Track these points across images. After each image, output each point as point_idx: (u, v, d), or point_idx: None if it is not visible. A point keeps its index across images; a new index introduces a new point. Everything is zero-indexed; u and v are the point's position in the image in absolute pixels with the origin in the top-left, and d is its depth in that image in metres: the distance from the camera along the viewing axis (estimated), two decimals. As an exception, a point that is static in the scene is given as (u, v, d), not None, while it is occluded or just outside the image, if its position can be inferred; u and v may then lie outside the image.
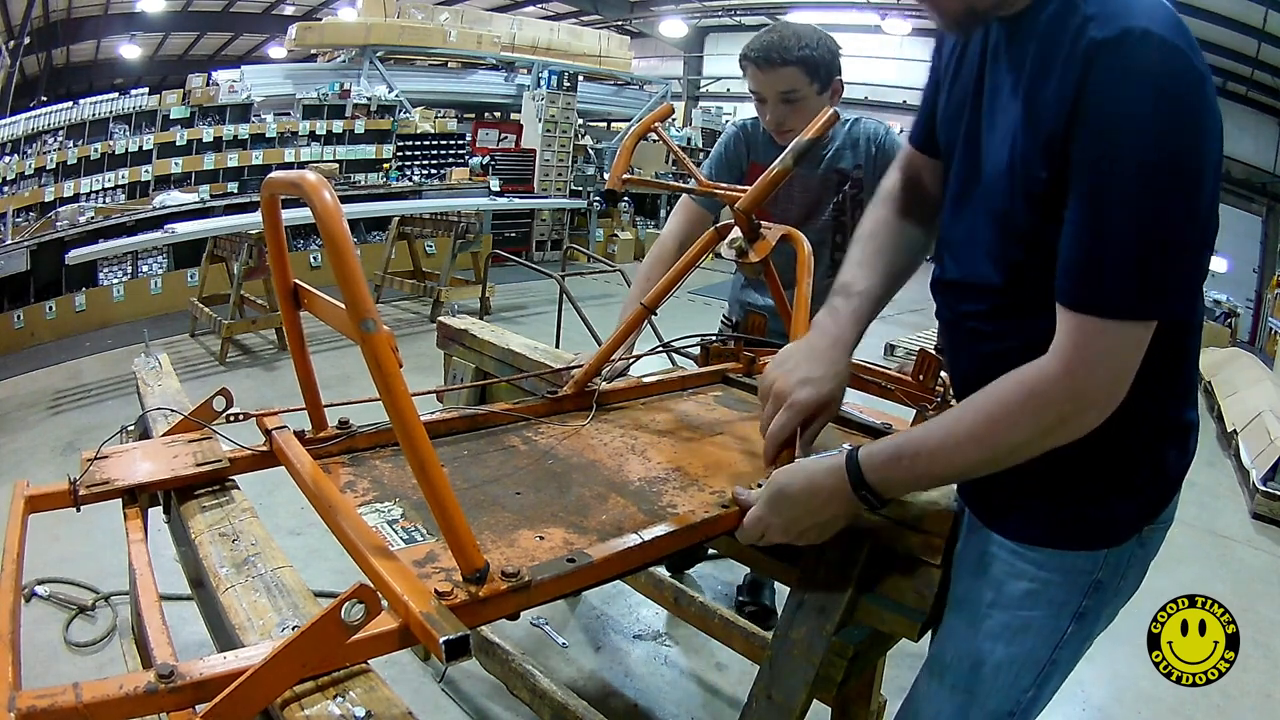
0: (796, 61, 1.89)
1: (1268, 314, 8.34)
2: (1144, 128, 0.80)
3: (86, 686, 0.72)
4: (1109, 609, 1.07)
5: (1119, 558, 1.03)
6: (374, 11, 9.63)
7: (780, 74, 1.90)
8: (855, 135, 2.07)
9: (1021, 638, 1.06)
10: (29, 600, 2.53)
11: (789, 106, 1.94)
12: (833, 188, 2.07)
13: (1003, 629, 1.07)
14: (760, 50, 1.90)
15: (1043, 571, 1.04)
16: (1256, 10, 7.14)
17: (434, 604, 0.81)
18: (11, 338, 5.70)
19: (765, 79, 1.92)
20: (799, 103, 1.93)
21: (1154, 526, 1.05)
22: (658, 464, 1.32)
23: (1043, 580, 1.04)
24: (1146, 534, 1.04)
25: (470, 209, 7.17)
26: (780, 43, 1.89)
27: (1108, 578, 1.04)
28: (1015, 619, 1.06)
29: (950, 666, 1.12)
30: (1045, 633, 1.05)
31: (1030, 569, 1.05)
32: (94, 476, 1.08)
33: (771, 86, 1.93)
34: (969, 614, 1.10)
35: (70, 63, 12.91)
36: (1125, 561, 1.04)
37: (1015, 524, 1.07)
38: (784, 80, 1.91)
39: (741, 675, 2.36)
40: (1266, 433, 4.56)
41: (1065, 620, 1.05)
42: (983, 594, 1.08)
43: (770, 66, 1.90)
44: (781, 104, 1.94)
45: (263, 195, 1.06)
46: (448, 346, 2.16)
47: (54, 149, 6.66)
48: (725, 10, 13.69)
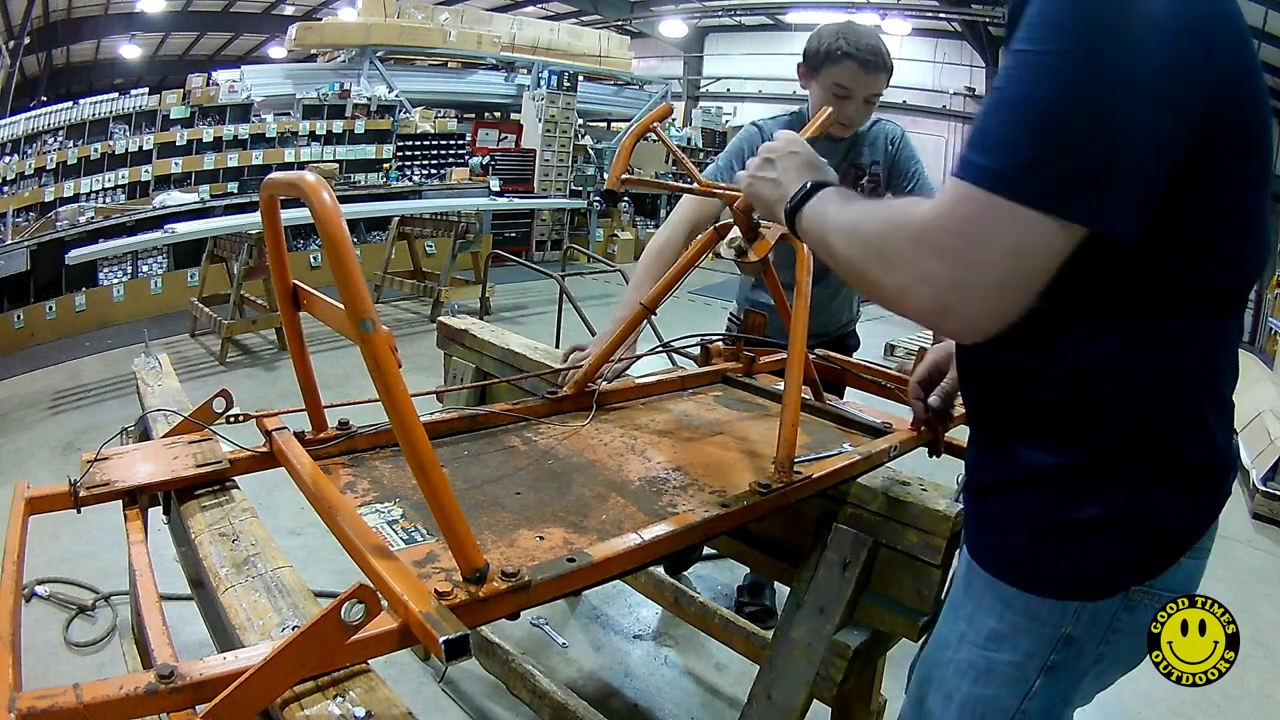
0: (890, 70, 2.00)
1: (1268, 314, 8.33)
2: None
3: (87, 687, 0.72)
4: (1095, 671, 0.96)
5: (1096, 616, 0.90)
6: (374, 11, 9.63)
7: (879, 79, 1.99)
8: (875, 134, 2.15)
9: (986, 679, 0.96)
10: (29, 600, 2.53)
11: (867, 107, 2.04)
12: (850, 182, 2.11)
13: (969, 666, 0.98)
14: (870, 53, 1.96)
15: (1009, 612, 0.93)
16: (1256, 10, 7.14)
17: (434, 604, 0.81)
18: (11, 338, 5.71)
19: (866, 79, 1.98)
20: (873, 106, 2.05)
21: (1148, 592, 0.89)
22: (658, 464, 1.32)
23: (1009, 622, 0.93)
24: (1137, 597, 0.89)
25: (470, 209, 7.18)
26: (883, 49, 1.98)
27: (1082, 636, 0.91)
28: (981, 658, 0.97)
29: (928, 691, 1.06)
30: (1010, 680, 0.95)
31: (998, 605, 0.94)
32: (94, 478, 1.08)
33: (867, 88, 2.00)
34: (944, 641, 1.03)
35: (70, 63, 12.92)
36: (1106, 624, 0.90)
37: (987, 553, 0.97)
38: (879, 84, 2.00)
39: (741, 675, 2.35)
40: (1266, 433, 4.55)
41: (1031, 671, 0.93)
42: (956, 624, 1.01)
43: (876, 71, 1.98)
44: (865, 104, 2.03)
45: (262, 196, 1.06)
46: (448, 346, 2.17)
47: (54, 149, 6.67)
48: (725, 10, 13.69)
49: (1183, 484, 0.87)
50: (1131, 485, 0.86)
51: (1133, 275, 0.79)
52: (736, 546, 1.59)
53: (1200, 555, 0.93)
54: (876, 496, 1.32)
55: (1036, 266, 0.71)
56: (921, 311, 0.76)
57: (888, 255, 0.78)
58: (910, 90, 12.20)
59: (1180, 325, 0.82)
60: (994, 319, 0.73)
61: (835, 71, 1.98)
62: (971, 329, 0.74)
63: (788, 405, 1.28)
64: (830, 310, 2.35)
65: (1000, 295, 0.71)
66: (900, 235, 0.76)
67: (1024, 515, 0.91)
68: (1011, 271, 0.70)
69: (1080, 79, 0.68)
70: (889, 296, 0.79)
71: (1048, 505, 0.89)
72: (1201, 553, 0.93)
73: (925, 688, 1.06)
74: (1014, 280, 0.71)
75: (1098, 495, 0.86)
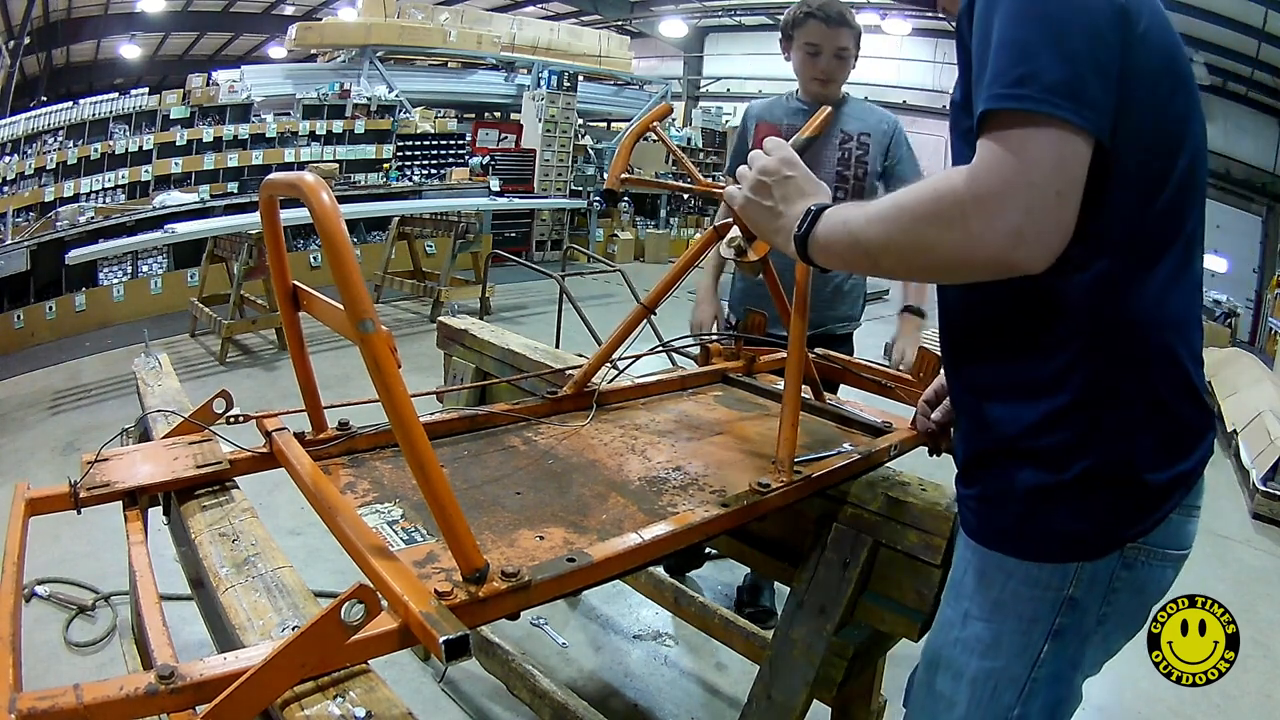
0: (853, 27, 2.29)
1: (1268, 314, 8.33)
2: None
3: (87, 688, 0.72)
4: (1100, 633, 0.99)
5: (1095, 575, 0.95)
6: (374, 11, 9.62)
7: (841, 33, 2.27)
8: (866, 109, 2.41)
9: (995, 652, 1.00)
10: (29, 600, 2.53)
11: (839, 62, 2.31)
12: (835, 145, 2.34)
13: (976, 641, 1.02)
14: (827, 9, 2.24)
15: (1011, 581, 0.98)
16: (1256, 10, 7.14)
17: (434, 604, 0.81)
18: (11, 338, 5.70)
19: (828, 34, 2.27)
20: (845, 61, 2.31)
21: (1143, 549, 0.95)
22: (658, 464, 1.32)
23: (1011, 591, 0.98)
24: (1132, 554, 0.95)
25: (470, 209, 7.18)
26: (842, 7, 2.27)
27: (1084, 597, 0.96)
28: (987, 631, 1.00)
29: (936, 674, 1.08)
30: (1018, 649, 0.99)
31: (1000, 577, 0.99)
32: (94, 479, 1.08)
33: (832, 42, 2.28)
34: (948, 621, 1.07)
35: (70, 63, 12.91)
36: (1106, 582, 0.95)
37: (983, 528, 1.02)
38: (842, 39, 2.27)
39: (741, 675, 2.35)
40: (1266, 433, 4.55)
41: (1038, 637, 0.98)
42: (960, 602, 1.05)
43: (834, 25, 2.26)
44: (834, 59, 2.29)
45: (261, 196, 1.06)
46: (448, 346, 2.17)
47: (54, 149, 6.67)
48: (725, 10, 13.69)
49: (1162, 434, 0.93)
50: (1110, 436, 0.91)
51: (1100, 211, 0.86)
52: (736, 546, 1.59)
53: (1191, 514, 0.98)
54: (876, 496, 1.32)
55: (1078, 174, 0.79)
56: (997, 251, 0.80)
57: (944, 217, 0.82)
58: (910, 90, 12.20)
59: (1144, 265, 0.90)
60: (1062, 234, 0.79)
61: (803, 32, 2.28)
62: (1045, 250, 0.79)
63: (788, 405, 1.28)
64: (825, 299, 2.36)
65: (1061, 207, 0.78)
66: (954, 194, 0.81)
67: (1013, 484, 0.96)
68: (1065, 180, 0.78)
69: (1048, 17, 0.80)
70: (955, 255, 0.83)
71: (1035, 471, 0.94)
72: (1191, 511, 0.98)
73: (933, 672, 1.08)
74: (1068, 188, 0.78)
75: (1080, 454, 0.92)
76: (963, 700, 1.03)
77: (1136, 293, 0.90)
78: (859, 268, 1.14)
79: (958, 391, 1.08)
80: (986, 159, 0.80)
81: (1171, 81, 0.89)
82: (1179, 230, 0.93)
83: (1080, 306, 0.90)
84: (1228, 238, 9.11)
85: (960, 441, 1.07)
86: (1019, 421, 0.95)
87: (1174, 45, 0.90)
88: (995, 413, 0.98)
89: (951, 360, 1.08)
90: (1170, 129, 0.90)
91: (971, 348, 1.03)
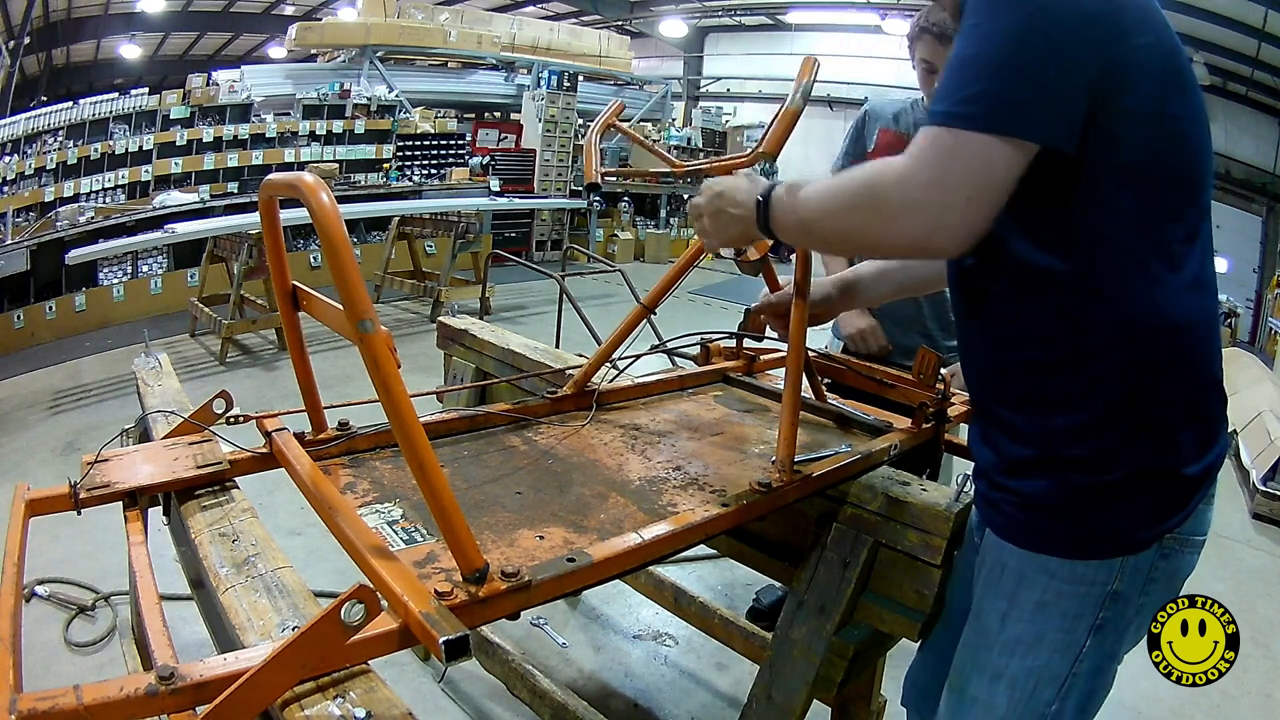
0: None
1: (1268, 314, 8.34)
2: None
3: (87, 688, 0.72)
4: (1135, 623, 1.03)
5: (1137, 567, 0.99)
6: (374, 11, 9.62)
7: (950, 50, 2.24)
8: None
9: (1036, 650, 1.03)
10: (29, 600, 2.53)
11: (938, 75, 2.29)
12: None
13: (1016, 642, 1.04)
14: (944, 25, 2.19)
15: (1054, 581, 1.01)
16: (1256, 10, 7.13)
17: (434, 604, 0.81)
18: (11, 338, 5.70)
19: (942, 51, 2.21)
20: None
21: (1177, 538, 1.00)
22: (658, 463, 1.32)
23: (1055, 591, 1.01)
24: (1169, 544, 1.00)
25: (470, 209, 7.18)
26: None
27: (1126, 589, 1.00)
28: (1028, 631, 1.03)
29: (970, 679, 1.10)
30: (1060, 646, 1.02)
31: (1042, 578, 1.02)
32: (94, 479, 1.08)
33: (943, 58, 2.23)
34: (985, 626, 1.08)
35: (70, 63, 12.90)
36: (1146, 573, 1.00)
37: (1024, 531, 1.04)
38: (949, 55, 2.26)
39: (741, 675, 2.35)
40: (1266, 433, 4.55)
41: (1081, 633, 1.01)
42: (996, 605, 1.06)
43: (948, 43, 2.18)
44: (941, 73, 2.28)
45: (261, 197, 1.06)
46: (448, 346, 2.17)
47: (54, 149, 6.66)
48: (725, 10, 13.68)
49: (1196, 431, 0.99)
50: (1155, 436, 0.97)
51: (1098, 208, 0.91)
52: (736, 546, 1.58)
53: (1211, 502, 1.04)
54: (876, 496, 1.32)
55: (993, 180, 0.86)
56: (915, 237, 0.91)
57: (875, 203, 0.92)
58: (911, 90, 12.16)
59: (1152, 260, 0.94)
60: (969, 231, 0.88)
61: (923, 50, 2.24)
62: (955, 242, 0.89)
63: (787, 405, 1.28)
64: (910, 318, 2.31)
65: (968, 210, 0.87)
66: (885, 183, 0.91)
67: (1058, 488, 1.00)
68: (978, 187, 0.86)
69: (1005, 33, 0.86)
70: (879, 237, 0.95)
71: (1080, 474, 0.98)
72: (1211, 499, 1.04)
73: (965, 676, 1.10)
74: (979, 194, 0.86)
75: (1126, 454, 0.97)
76: (1002, 701, 1.05)
77: (1161, 296, 0.94)
78: (804, 241, 1.20)
79: (988, 401, 1.09)
80: (917, 153, 0.89)
81: (1168, 82, 0.91)
82: (1192, 231, 0.96)
83: (1106, 316, 0.94)
84: (1228, 238, 9.10)
85: (990, 448, 1.09)
86: (1061, 429, 0.98)
87: (1171, 47, 0.92)
88: (1034, 422, 1.01)
89: (980, 370, 1.10)
90: (1170, 130, 0.92)
91: (1005, 359, 1.04)
